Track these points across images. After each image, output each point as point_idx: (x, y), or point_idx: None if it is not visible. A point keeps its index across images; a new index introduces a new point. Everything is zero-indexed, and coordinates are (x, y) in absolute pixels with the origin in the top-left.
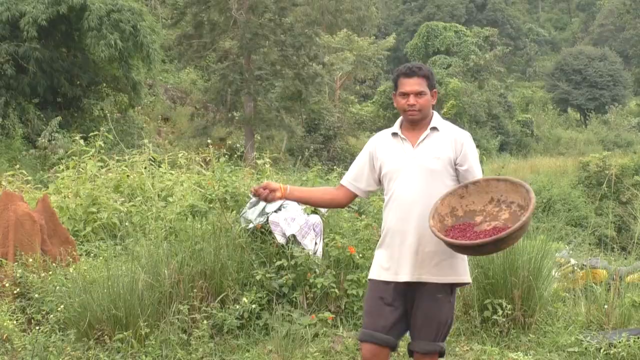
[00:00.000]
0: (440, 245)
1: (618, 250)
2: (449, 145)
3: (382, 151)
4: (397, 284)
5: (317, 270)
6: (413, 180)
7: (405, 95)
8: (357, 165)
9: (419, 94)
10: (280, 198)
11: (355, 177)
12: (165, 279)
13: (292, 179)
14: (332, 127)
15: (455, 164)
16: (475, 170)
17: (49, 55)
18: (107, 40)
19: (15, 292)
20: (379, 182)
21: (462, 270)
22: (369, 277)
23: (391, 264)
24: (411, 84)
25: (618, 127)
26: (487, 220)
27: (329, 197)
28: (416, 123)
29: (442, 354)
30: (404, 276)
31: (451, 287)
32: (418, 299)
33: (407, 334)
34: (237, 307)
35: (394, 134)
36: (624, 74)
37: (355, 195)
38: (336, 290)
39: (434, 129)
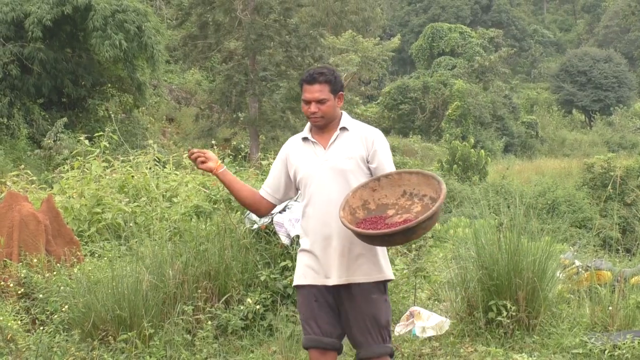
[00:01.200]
0: (364, 245)
1: (623, 251)
2: (359, 144)
3: (295, 157)
4: (327, 287)
5: None
6: (329, 182)
7: (307, 102)
8: (273, 176)
9: (320, 101)
10: (209, 170)
11: (274, 189)
12: (169, 280)
13: None
14: None
15: (367, 162)
16: (386, 167)
17: (53, 56)
18: (111, 40)
19: (19, 292)
20: (297, 188)
21: (386, 267)
22: (296, 283)
23: (319, 268)
24: (312, 92)
25: (623, 128)
26: (399, 213)
27: (252, 201)
28: (323, 127)
29: (392, 355)
30: (333, 279)
31: (383, 285)
32: (353, 303)
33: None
34: (242, 307)
35: (305, 139)
36: (629, 75)
37: (275, 205)
38: None
39: (344, 129)
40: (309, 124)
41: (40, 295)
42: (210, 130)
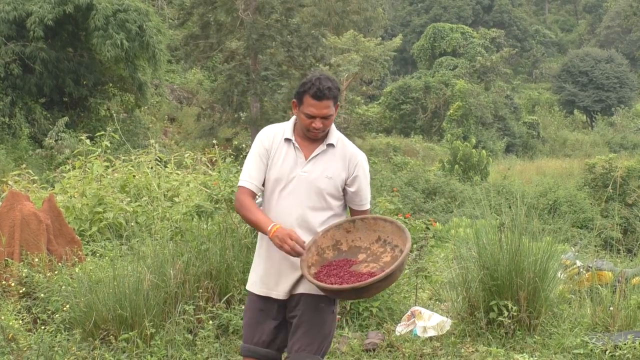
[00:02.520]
0: None
1: (624, 252)
2: (341, 165)
3: (275, 153)
4: (275, 300)
5: None
6: (302, 195)
7: (312, 117)
8: (259, 169)
9: (326, 117)
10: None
11: (259, 179)
12: (171, 279)
13: None
14: (338, 128)
15: (345, 184)
16: (363, 194)
17: (55, 55)
18: (113, 40)
19: (21, 291)
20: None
21: None
22: (248, 288)
23: (270, 279)
24: (320, 108)
25: (624, 129)
26: (368, 261)
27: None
28: None
29: None
30: (283, 293)
31: (329, 300)
32: (300, 310)
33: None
34: (243, 307)
35: (287, 140)
36: (630, 76)
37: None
38: None
39: (331, 145)
40: (292, 122)
41: (42, 295)
42: (211, 129)
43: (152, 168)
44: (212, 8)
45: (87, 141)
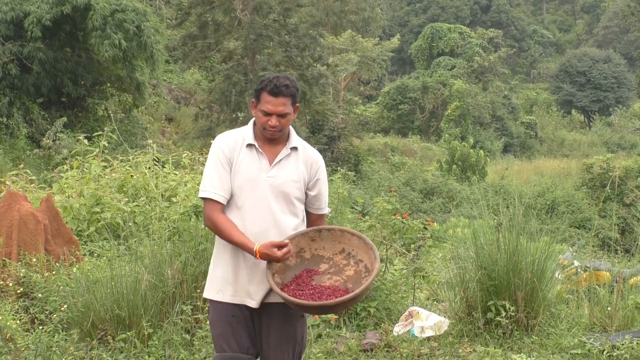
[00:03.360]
0: None
1: (621, 252)
2: (304, 168)
3: (236, 161)
4: (246, 306)
5: None
6: (269, 201)
7: (268, 114)
8: (223, 179)
9: (282, 115)
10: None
11: (226, 189)
12: (168, 279)
13: None
14: (336, 128)
15: (307, 188)
16: (323, 198)
17: (53, 55)
18: (111, 40)
19: (18, 291)
20: None
21: None
22: (212, 297)
23: (239, 287)
24: (275, 104)
25: (622, 129)
26: (331, 272)
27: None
28: (274, 139)
29: None
30: (254, 302)
31: None
32: (270, 318)
33: None
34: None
35: (250, 146)
36: (628, 76)
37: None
38: None
39: (294, 148)
40: (251, 126)
41: (39, 295)
42: (209, 129)
43: (149, 168)
44: (209, 8)
45: (85, 141)
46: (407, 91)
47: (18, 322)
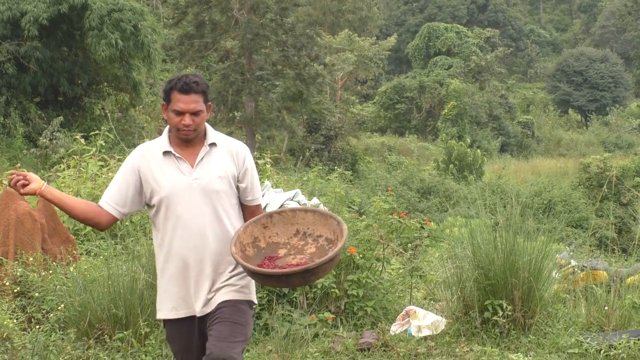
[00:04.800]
0: (235, 270)
1: (618, 251)
2: (229, 161)
3: (153, 174)
4: (196, 316)
5: None
6: (200, 205)
7: (180, 113)
8: (119, 189)
9: (195, 113)
10: (33, 193)
11: (119, 202)
12: None
13: (293, 179)
14: (333, 128)
15: (237, 181)
16: (255, 188)
17: (50, 55)
18: (108, 39)
19: (15, 290)
20: (147, 205)
21: (254, 290)
22: (163, 317)
23: (183, 301)
24: (187, 102)
25: (619, 128)
26: (292, 254)
27: (90, 215)
28: (189, 141)
29: None
30: (199, 310)
31: (251, 304)
32: (219, 315)
33: None
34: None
35: (166, 153)
36: (625, 75)
37: (117, 219)
38: (336, 291)
39: (213, 144)
40: (166, 133)
41: (36, 294)
42: None
43: None
44: (206, 7)
45: (82, 140)
46: (404, 90)
47: (15, 321)
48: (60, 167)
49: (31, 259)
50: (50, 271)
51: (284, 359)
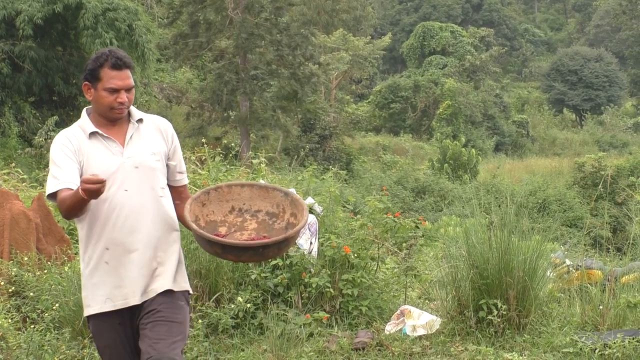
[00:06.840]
0: (168, 256)
1: (613, 251)
2: (159, 137)
3: (85, 156)
4: (128, 307)
5: (312, 269)
6: (136, 184)
7: (115, 91)
8: (73, 168)
9: (129, 89)
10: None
11: (77, 182)
12: None
13: (288, 179)
14: (327, 127)
15: (168, 158)
16: (183, 166)
17: (44, 54)
18: (102, 39)
19: (10, 290)
20: None
21: (188, 279)
22: (95, 312)
23: (119, 290)
24: (122, 78)
25: (614, 128)
26: (234, 231)
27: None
28: (115, 120)
29: None
30: (136, 298)
31: (187, 295)
32: (156, 311)
33: None
34: (232, 306)
35: (93, 134)
36: (619, 74)
37: None
38: (331, 290)
39: (140, 121)
40: (85, 116)
41: (31, 294)
42: (201, 128)
43: None
44: (201, 7)
45: None
46: (398, 90)
47: (10, 321)
48: None
49: (26, 258)
50: (45, 271)
51: (279, 358)
